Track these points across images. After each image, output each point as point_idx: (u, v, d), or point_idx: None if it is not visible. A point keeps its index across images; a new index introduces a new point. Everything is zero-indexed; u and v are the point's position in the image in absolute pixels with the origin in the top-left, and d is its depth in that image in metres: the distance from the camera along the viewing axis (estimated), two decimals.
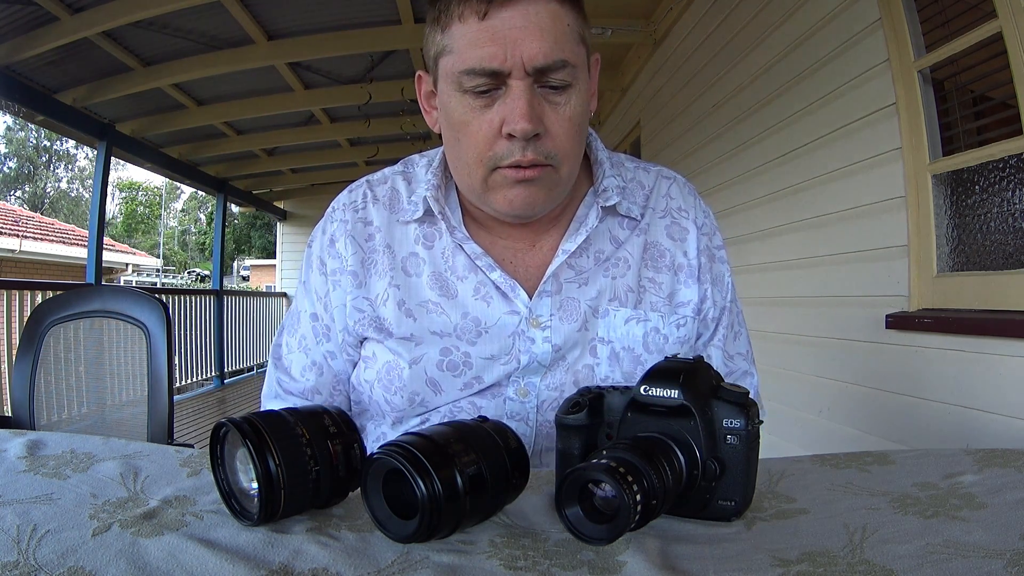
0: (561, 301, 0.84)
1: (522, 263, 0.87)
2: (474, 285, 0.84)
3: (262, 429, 0.53)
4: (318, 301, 0.90)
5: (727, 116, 3.17)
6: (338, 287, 0.87)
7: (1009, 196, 1.71)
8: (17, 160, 31.69)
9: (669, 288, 0.88)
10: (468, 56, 0.73)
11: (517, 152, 0.75)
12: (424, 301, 0.84)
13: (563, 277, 0.85)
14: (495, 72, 0.73)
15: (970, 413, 1.72)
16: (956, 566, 0.47)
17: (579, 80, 0.77)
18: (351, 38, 4.19)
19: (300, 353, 0.92)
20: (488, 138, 0.76)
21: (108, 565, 0.46)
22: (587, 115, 0.81)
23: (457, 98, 0.77)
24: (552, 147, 0.76)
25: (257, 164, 7.29)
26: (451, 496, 0.50)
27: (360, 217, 0.89)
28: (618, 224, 0.89)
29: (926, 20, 1.94)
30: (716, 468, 0.56)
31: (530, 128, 0.73)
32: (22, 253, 11.20)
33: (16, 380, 1.57)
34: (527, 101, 0.73)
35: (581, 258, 0.86)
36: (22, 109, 4.34)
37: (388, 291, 0.85)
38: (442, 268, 0.85)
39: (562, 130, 0.76)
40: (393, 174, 0.92)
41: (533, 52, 0.72)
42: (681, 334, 0.88)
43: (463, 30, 0.74)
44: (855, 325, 2.22)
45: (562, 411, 0.63)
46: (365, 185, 0.92)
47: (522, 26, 0.72)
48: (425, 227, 0.87)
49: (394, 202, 0.89)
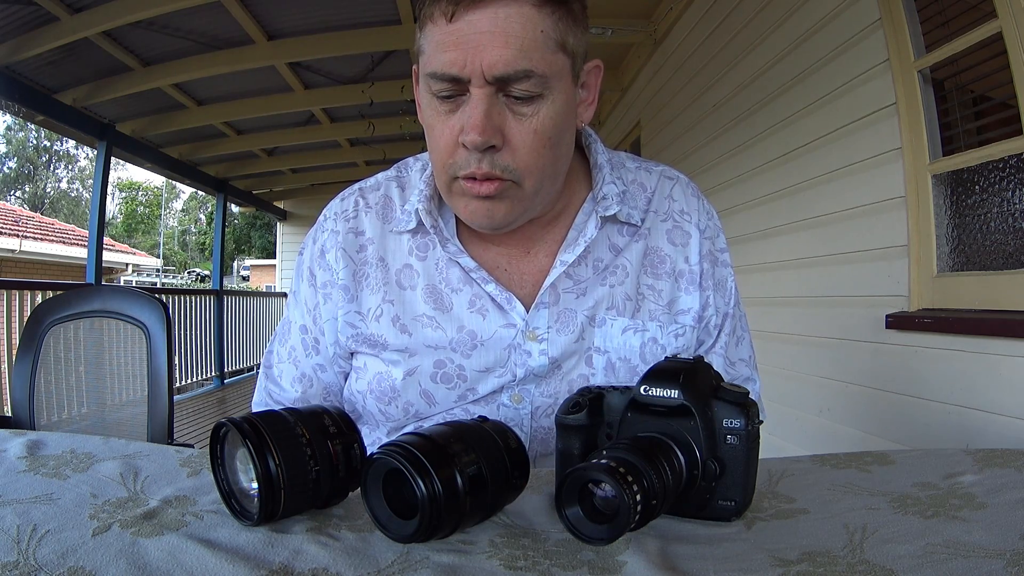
0: (559, 313, 0.82)
1: (517, 271, 0.84)
2: (469, 298, 0.82)
3: (262, 429, 0.53)
4: (308, 313, 0.88)
5: (727, 116, 3.17)
6: (329, 300, 0.85)
7: (1009, 196, 1.71)
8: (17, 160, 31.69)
9: (669, 296, 0.86)
10: (433, 59, 0.71)
11: (472, 163, 0.72)
12: (419, 315, 0.82)
13: (561, 288, 0.83)
14: (455, 78, 0.70)
15: (970, 413, 1.72)
16: (956, 566, 0.47)
17: (552, 91, 0.72)
18: (351, 38, 4.19)
19: (290, 364, 0.90)
20: (449, 145, 0.73)
21: (108, 565, 0.46)
22: (563, 128, 0.75)
23: (427, 100, 0.75)
24: (511, 161, 0.72)
25: (257, 164, 7.29)
26: (451, 496, 0.50)
27: (351, 227, 0.86)
28: (617, 231, 0.86)
29: (926, 20, 1.95)
30: (716, 468, 0.56)
31: (480, 140, 0.70)
32: (22, 253, 11.20)
33: (16, 380, 1.57)
34: (483, 112, 0.70)
35: (580, 268, 0.84)
36: (22, 109, 4.34)
37: (382, 307, 0.83)
38: (436, 280, 0.83)
39: (524, 143, 0.72)
40: (387, 180, 0.90)
41: (493, 60, 0.68)
42: (680, 344, 0.85)
43: (433, 32, 0.72)
44: (855, 325, 2.22)
45: (562, 411, 0.63)
46: (357, 193, 0.89)
47: (488, 31, 0.68)
48: (419, 238, 0.85)
49: (387, 211, 0.87)
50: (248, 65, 4.37)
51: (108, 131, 5.00)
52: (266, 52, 4.27)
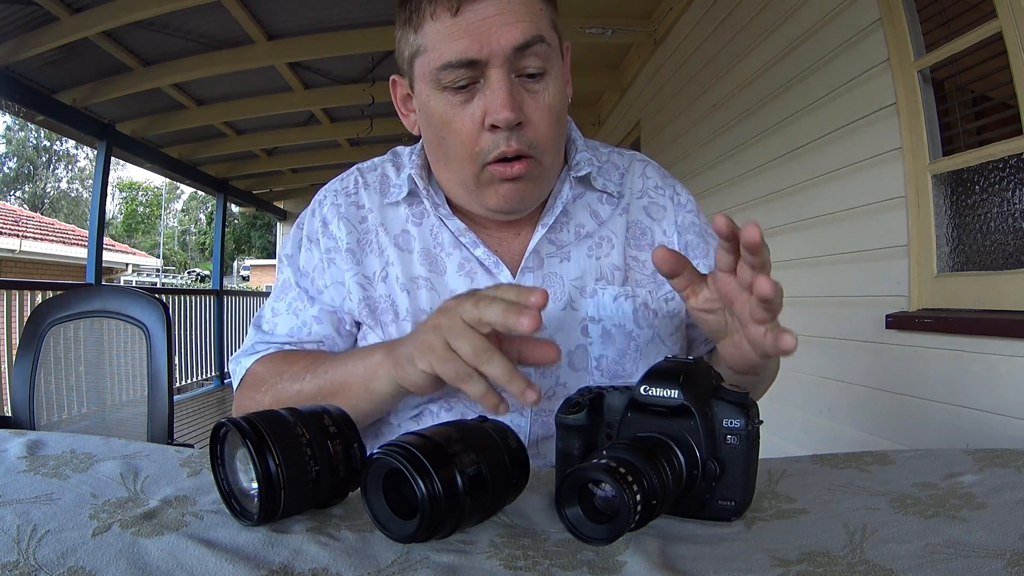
0: (543, 276, 0.84)
1: (507, 251, 0.87)
2: (459, 261, 0.85)
3: (262, 429, 0.53)
4: (309, 272, 0.89)
5: (727, 116, 3.17)
6: (333, 264, 0.87)
7: (1009, 196, 1.71)
8: (17, 160, 31.70)
9: (652, 266, 0.88)
10: (444, 51, 0.73)
11: (502, 143, 0.75)
12: (415, 277, 0.85)
13: (544, 252, 0.85)
14: (472, 62, 0.73)
15: (970, 413, 1.72)
16: (956, 566, 0.47)
17: (554, 66, 0.77)
18: (351, 38, 4.20)
19: (290, 315, 0.89)
20: (472, 133, 0.76)
21: (108, 565, 0.46)
22: (565, 103, 0.81)
23: (436, 96, 0.77)
24: (533, 136, 0.76)
25: (257, 164, 7.30)
26: (451, 496, 0.50)
27: (352, 201, 0.89)
28: (597, 199, 0.89)
29: (926, 20, 1.95)
30: (716, 468, 0.56)
31: (512, 117, 0.73)
32: (22, 253, 11.21)
33: (16, 380, 1.57)
34: (507, 90, 0.73)
35: (561, 232, 0.87)
36: (22, 109, 4.34)
37: (387, 269, 0.86)
38: (431, 244, 0.86)
39: (543, 119, 0.77)
40: (383, 162, 0.94)
41: (510, 35, 0.72)
42: (671, 308, 0.87)
43: (436, 27, 0.74)
44: (855, 325, 2.22)
45: (562, 411, 0.63)
46: (356, 172, 0.93)
47: (496, 15, 0.72)
48: (414, 207, 0.88)
49: (384, 186, 0.90)
50: (248, 65, 4.38)
51: (108, 131, 5.01)
52: (266, 52, 4.27)
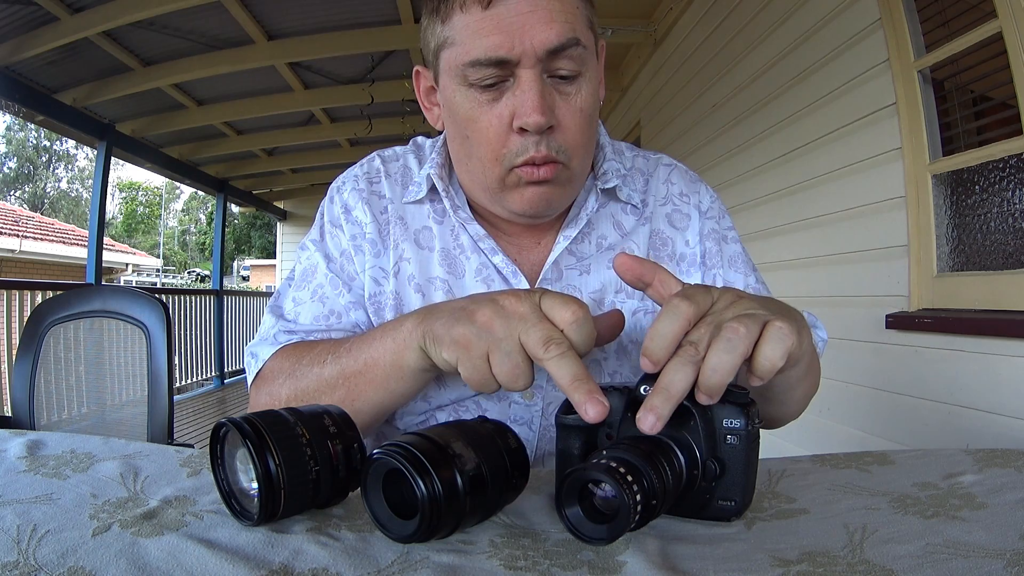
0: (562, 288, 0.81)
1: (527, 260, 0.84)
2: (476, 266, 0.82)
3: (262, 429, 0.53)
4: (338, 257, 0.84)
5: (727, 116, 3.17)
6: (360, 252, 0.83)
7: (1009, 196, 1.71)
8: (17, 160, 31.70)
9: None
10: (472, 47, 0.69)
11: (531, 148, 0.71)
12: (433, 277, 0.82)
13: (564, 264, 0.82)
14: (503, 61, 0.69)
15: (970, 413, 1.72)
16: (956, 566, 0.47)
17: (588, 68, 0.73)
18: (351, 38, 4.20)
19: (316, 303, 0.83)
20: (500, 134, 0.72)
21: (108, 565, 0.46)
22: (597, 105, 0.76)
23: (462, 93, 0.72)
24: (563, 141, 0.72)
25: (257, 164, 7.29)
26: (451, 496, 0.50)
27: (374, 190, 0.86)
28: (621, 210, 0.86)
29: (926, 20, 1.95)
30: (716, 468, 0.56)
31: (543, 121, 0.69)
32: (22, 253, 11.20)
33: (16, 380, 1.57)
34: (538, 92, 0.69)
35: (582, 244, 0.83)
36: (22, 109, 4.34)
37: (398, 264, 0.82)
38: (451, 245, 0.83)
39: (574, 123, 0.72)
40: (405, 152, 0.90)
41: (544, 36, 0.68)
42: None
43: (466, 20, 0.69)
44: (855, 325, 2.22)
45: (562, 411, 0.63)
46: (378, 159, 0.89)
47: (529, 11, 0.68)
48: (435, 203, 0.85)
49: (406, 179, 0.87)
50: (248, 65, 4.38)
51: (108, 131, 5.01)
52: (266, 52, 4.27)
